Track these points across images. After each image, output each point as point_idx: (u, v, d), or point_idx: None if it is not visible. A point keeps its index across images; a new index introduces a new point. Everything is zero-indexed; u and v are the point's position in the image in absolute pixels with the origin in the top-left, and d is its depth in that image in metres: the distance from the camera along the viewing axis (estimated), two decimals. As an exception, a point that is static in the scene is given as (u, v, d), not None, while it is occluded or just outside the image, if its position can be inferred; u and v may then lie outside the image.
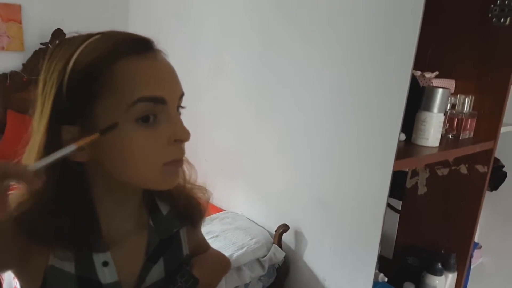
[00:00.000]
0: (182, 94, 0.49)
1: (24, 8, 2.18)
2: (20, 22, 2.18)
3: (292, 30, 1.65)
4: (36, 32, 2.23)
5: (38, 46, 2.24)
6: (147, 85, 0.44)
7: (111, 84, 0.42)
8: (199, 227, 0.62)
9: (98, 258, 0.48)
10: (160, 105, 0.45)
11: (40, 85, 0.45)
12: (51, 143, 0.43)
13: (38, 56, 2.24)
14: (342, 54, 1.44)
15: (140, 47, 0.45)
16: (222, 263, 0.65)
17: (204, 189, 0.60)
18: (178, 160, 0.47)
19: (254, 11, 1.82)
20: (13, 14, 2.16)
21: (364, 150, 1.36)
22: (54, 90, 0.43)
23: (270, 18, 1.75)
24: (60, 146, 0.42)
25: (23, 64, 2.21)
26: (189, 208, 0.58)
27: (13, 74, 2.17)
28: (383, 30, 1.26)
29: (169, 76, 0.47)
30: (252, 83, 1.87)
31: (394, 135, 0.84)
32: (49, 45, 2.26)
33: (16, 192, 0.45)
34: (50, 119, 0.44)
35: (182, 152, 0.48)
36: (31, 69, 2.21)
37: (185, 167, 0.55)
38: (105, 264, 0.48)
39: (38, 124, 0.45)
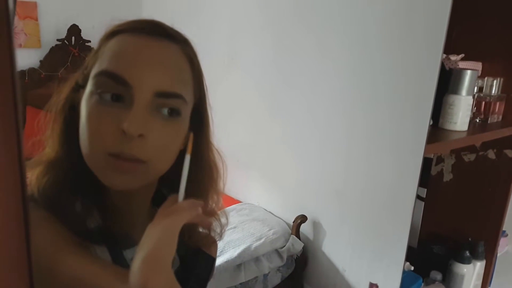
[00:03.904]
0: (162, 93, 0.41)
1: (40, 5, 2.21)
2: (36, 19, 2.21)
3: (305, 20, 1.62)
4: (52, 29, 2.26)
5: (55, 43, 2.26)
6: (113, 61, 0.42)
7: (100, 56, 0.44)
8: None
9: (127, 255, 0.47)
10: (122, 87, 0.41)
11: None
12: (70, 99, 0.47)
13: (54, 52, 2.26)
14: (366, 38, 1.41)
15: (138, 27, 0.43)
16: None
17: (219, 218, 0.54)
18: (123, 159, 0.40)
19: (267, 5, 1.80)
20: (30, 11, 2.18)
21: (390, 138, 1.33)
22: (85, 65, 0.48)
23: (282, 11, 1.73)
24: (74, 104, 0.46)
25: (41, 61, 2.24)
26: (199, 238, 0.55)
27: (31, 71, 2.21)
28: (411, 13, 1.22)
29: (148, 63, 0.42)
30: (266, 76, 1.86)
31: (424, 120, 0.81)
32: (65, 41, 2.29)
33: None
34: (75, 84, 0.47)
35: (128, 148, 0.40)
36: (48, 65, 2.24)
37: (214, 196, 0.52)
38: None
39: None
